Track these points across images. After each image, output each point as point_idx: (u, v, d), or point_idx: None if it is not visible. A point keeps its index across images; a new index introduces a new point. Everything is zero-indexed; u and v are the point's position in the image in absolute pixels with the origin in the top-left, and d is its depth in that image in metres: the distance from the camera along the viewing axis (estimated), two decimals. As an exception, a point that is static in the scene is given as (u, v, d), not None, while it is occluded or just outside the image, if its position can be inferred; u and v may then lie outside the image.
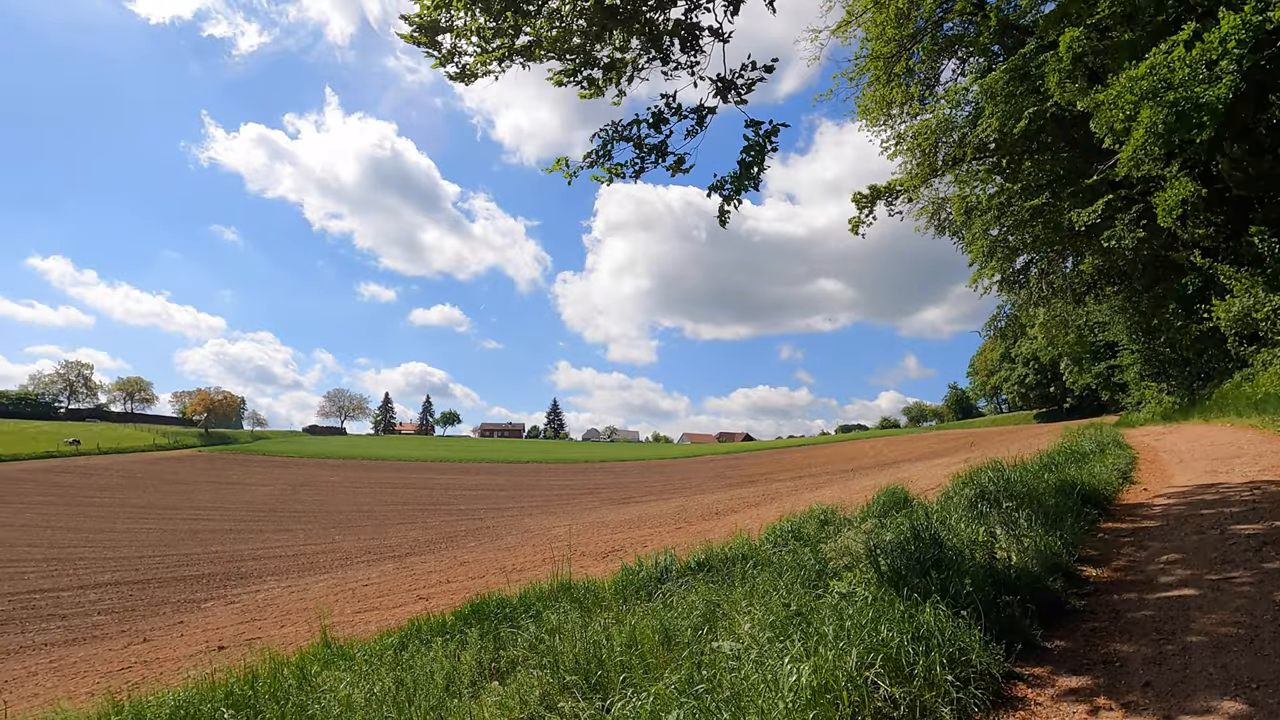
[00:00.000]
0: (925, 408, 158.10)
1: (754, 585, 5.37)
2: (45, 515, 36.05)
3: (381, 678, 4.36)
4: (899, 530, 6.04)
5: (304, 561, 23.59)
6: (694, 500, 31.88)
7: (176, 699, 4.28)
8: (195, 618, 16.22)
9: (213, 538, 30.10)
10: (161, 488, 49.98)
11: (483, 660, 4.56)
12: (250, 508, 40.68)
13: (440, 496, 46.68)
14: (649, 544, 15.88)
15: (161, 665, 10.43)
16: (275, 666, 5.00)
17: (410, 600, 13.00)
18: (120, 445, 76.96)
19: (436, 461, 75.54)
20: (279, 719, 4.06)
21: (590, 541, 18.95)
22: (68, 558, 25.75)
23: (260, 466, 66.65)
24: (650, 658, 4.19)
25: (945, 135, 20.99)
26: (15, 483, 50.10)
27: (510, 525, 30.02)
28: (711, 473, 60.81)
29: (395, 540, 27.43)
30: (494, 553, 20.06)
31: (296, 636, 10.79)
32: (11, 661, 13.76)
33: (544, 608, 5.53)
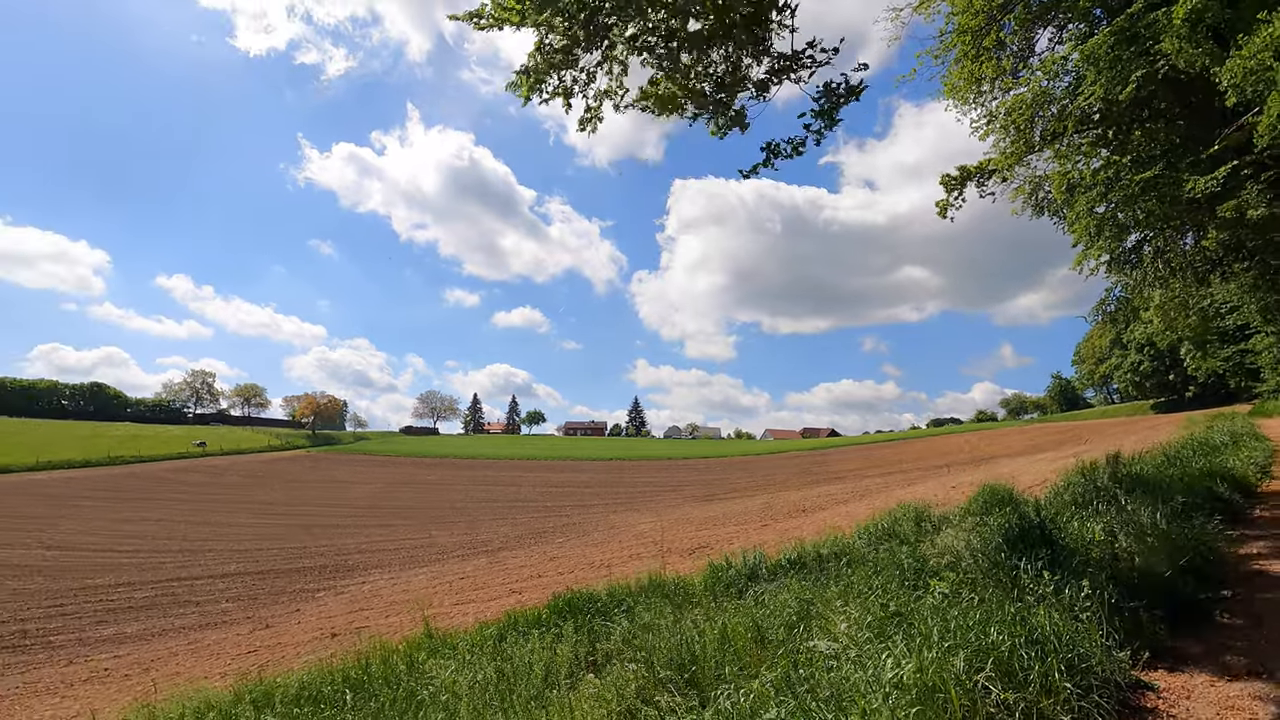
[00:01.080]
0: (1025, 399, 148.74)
1: (849, 584, 5.23)
2: (179, 511, 39.63)
3: (483, 667, 4.55)
4: (1004, 529, 5.73)
5: (404, 555, 24.86)
6: (779, 497, 31.38)
7: (300, 680, 4.64)
8: (310, 606, 17.42)
9: (322, 532, 32.20)
10: (277, 485, 53.91)
11: (578, 653, 4.67)
12: (354, 504, 43.23)
13: (528, 493, 48.05)
14: (735, 541, 15.76)
15: (283, 649, 11.26)
16: (386, 654, 5.31)
17: (504, 594, 13.46)
18: (240, 446, 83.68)
19: (523, 460, 77.81)
20: (391, 702, 4.30)
21: (676, 538, 19.01)
22: (199, 549, 28.19)
23: (362, 465, 70.75)
24: (744, 655, 4.16)
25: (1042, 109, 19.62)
26: (154, 481, 55.35)
27: (596, 522, 30.52)
28: (796, 469, 59.63)
29: (487, 536, 28.44)
30: (581, 548, 20.47)
31: (401, 626, 11.40)
32: (156, 643, 15.24)
33: (635, 603, 5.60)
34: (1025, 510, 6.98)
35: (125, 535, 31.74)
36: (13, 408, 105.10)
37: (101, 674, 12.59)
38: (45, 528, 34.01)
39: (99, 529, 33.56)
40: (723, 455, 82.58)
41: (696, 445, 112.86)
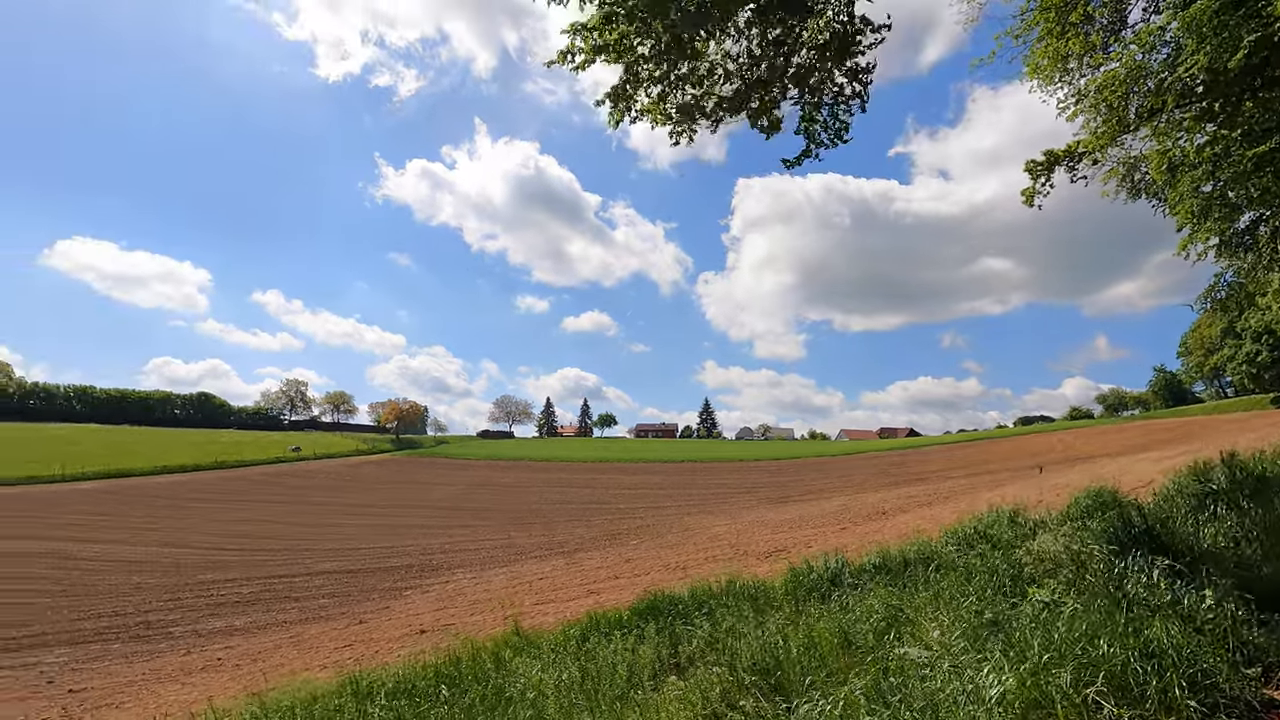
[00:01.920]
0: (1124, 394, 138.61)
1: (938, 590, 5.04)
2: (278, 512, 42.24)
3: (567, 666, 4.64)
4: (1109, 533, 5.38)
5: (484, 555, 25.63)
6: (857, 499, 30.53)
7: (397, 674, 4.87)
8: (399, 603, 18.22)
9: (408, 533, 33.60)
10: (365, 488, 56.64)
11: (661, 655, 4.70)
12: (437, 506, 44.89)
13: (602, 495, 48.60)
14: (813, 544, 15.45)
15: (376, 644, 11.81)
16: (474, 651, 5.50)
17: (582, 594, 13.67)
18: (330, 451, 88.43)
19: (596, 462, 78.79)
20: (481, 698, 4.45)
21: (752, 541, 18.80)
22: (297, 548, 29.94)
23: (443, 468, 73.41)
24: (831, 661, 4.08)
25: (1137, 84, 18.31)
26: (254, 484, 59.19)
27: (670, 524, 30.54)
28: (874, 470, 57.87)
29: (563, 537, 28.95)
30: (656, 550, 20.55)
31: (484, 624, 11.76)
32: (262, 635, 16.29)
33: (716, 606, 5.58)
34: (1131, 514, 6.53)
35: (232, 535, 34.09)
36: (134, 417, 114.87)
37: (215, 664, 13.57)
38: (163, 527, 36.96)
39: (209, 529, 36.19)
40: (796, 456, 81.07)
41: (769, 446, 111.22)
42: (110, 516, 40.33)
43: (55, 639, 17.74)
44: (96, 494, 50.44)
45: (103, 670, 14.66)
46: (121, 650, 16.31)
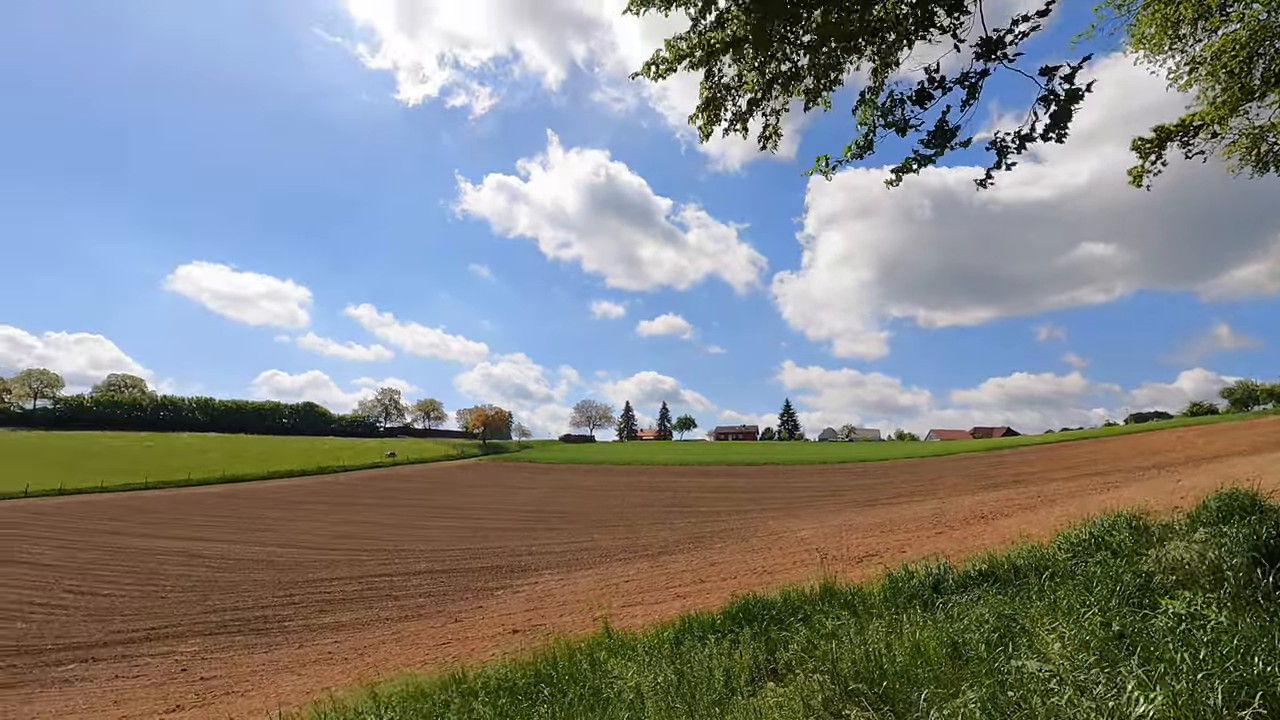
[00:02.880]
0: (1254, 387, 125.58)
1: (1054, 600, 4.72)
2: (376, 514, 44.55)
3: (662, 669, 4.64)
4: (1252, 540, 4.88)
5: (570, 558, 26.09)
6: (951, 502, 29.13)
7: (497, 672, 5.02)
8: (491, 603, 18.81)
9: (496, 534, 34.67)
10: (455, 491, 58.91)
11: (758, 660, 4.63)
12: (523, 508, 46.10)
13: (683, 498, 48.52)
14: (907, 549, 14.85)
15: (472, 642, 12.23)
16: (570, 652, 5.60)
17: (669, 598, 13.67)
18: (422, 456, 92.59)
19: (676, 465, 78.75)
20: (579, 698, 4.52)
21: (840, 545, 18.27)
22: (394, 549, 31.46)
23: (527, 472, 75.37)
24: (939, 671, 3.89)
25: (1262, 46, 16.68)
26: (354, 488, 62.70)
27: (754, 527, 30.12)
28: (968, 472, 55.05)
29: (647, 540, 29.08)
30: (742, 554, 20.30)
31: (574, 625, 11.96)
32: (366, 631, 17.21)
33: (812, 611, 5.45)
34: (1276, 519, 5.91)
35: (336, 535, 36.23)
36: (248, 426, 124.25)
37: (326, 657, 14.44)
38: (275, 528, 39.74)
39: (315, 529, 38.62)
40: (883, 458, 78.26)
41: (854, 448, 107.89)
42: (230, 518, 43.73)
43: (188, 630, 19.37)
44: (218, 497, 54.85)
45: (228, 660, 15.89)
46: (244, 642, 17.62)
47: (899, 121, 5.72)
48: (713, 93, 6.24)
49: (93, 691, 14.55)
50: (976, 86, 5.60)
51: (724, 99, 6.26)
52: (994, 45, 5.33)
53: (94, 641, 19.02)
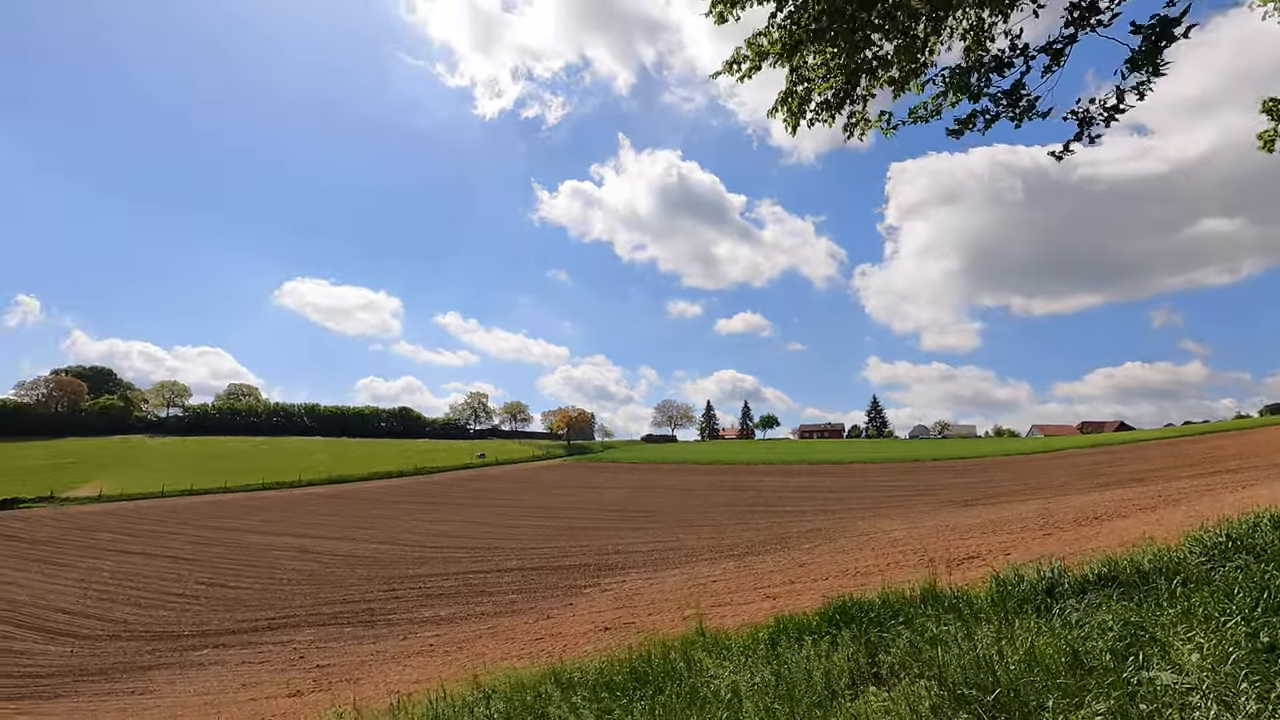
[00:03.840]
0: None
1: (1188, 607, 4.35)
2: (468, 513, 46.34)
3: (759, 670, 4.59)
4: None
5: (656, 557, 26.23)
6: (1059, 502, 27.31)
7: (595, 668, 5.12)
8: (580, 601, 19.19)
9: (583, 533, 35.31)
10: (542, 491, 60.44)
11: (859, 663, 4.50)
12: (607, 508, 46.74)
13: (767, 498, 47.81)
14: (1012, 551, 14.04)
15: (565, 639, 12.51)
16: (665, 649, 5.63)
17: (758, 598, 13.51)
18: (510, 457, 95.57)
19: (760, 464, 77.68)
20: (676, 696, 4.54)
21: (937, 546, 17.49)
22: (486, 547, 32.62)
23: (611, 472, 76.36)
24: (1059, 681, 3.66)
25: None
26: (447, 488, 65.46)
27: (842, 527, 29.31)
28: (1076, 470, 51.41)
29: (732, 540, 28.85)
30: (831, 555, 19.80)
31: (664, 624, 12.02)
32: (463, 626, 17.93)
33: (916, 614, 5.24)
34: None
35: (432, 534, 37.95)
36: (350, 430, 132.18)
37: (428, 649, 15.15)
38: (376, 526, 42.07)
39: (413, 528, 40.59)
40: (980, 455, 74.29)
41: (948, 445, 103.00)
42: (336, 516, 46.64)
43: (303, 621, 20.81)
44: (324, 497, 58.58)
45: (340, 650, 16.95)
46: (353, 633, 18.75)
47: (971, 88, 5.40)
48: (796, 85, 6.11)
49: (224, 675, 15.88)
50: (1062, 54, 5.23)
51: (808, 91, 6.12)
52: (1087, 9, 4.95)
53: (223, 629, 20.75)
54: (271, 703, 11.66)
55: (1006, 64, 5.34)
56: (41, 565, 32.20)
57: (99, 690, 15.89)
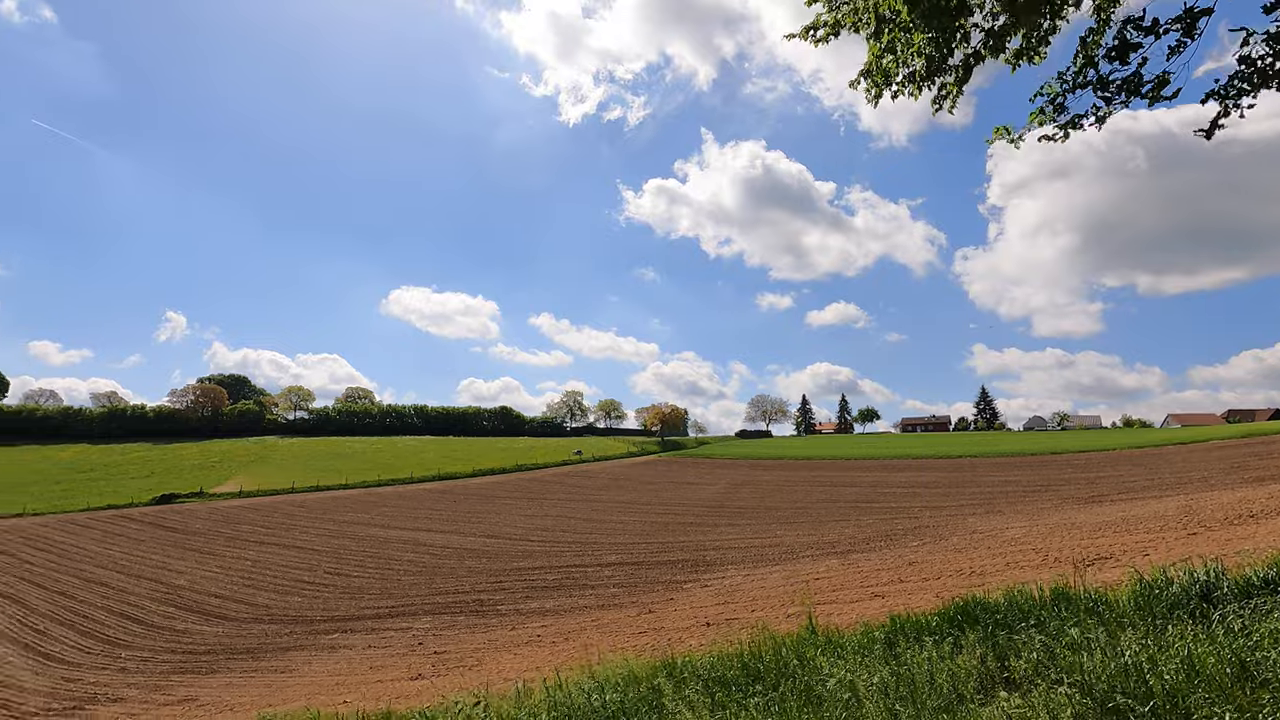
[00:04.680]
0: None
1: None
2: (568, 509, 47.54)
3: (877, 670, 4.43)
4: None
5: (754, 553, 25.94)
6: (1203, 499, 24.73)
7: (706, 661, 5.12)
8: (680, 596, 19.27)
9: (679, 529, 35.42)
10: (638, 487, 61.11)
11: (989, 666, 4.25)
12: (702, 504, 46.65)
13: (868, 494, 46.15)
14: (1151, 552, 12.85)
15: (668, 633, 12.60)
16: (776, 646, 5.55)
17: (865, 597, 13.07)
18: (606, 453, 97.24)
19: (860, 459, 75.08)
20: (792, 692, 4.47)
21: (1061, 546, 16.27)
22: (586, 541, 33.35)
23: (705, 468, 76.13)
24: (1225, 693, 3.31)
25: None
26: (547, 484, 67.42)
27: (952, 525, 27.86)
28: (1224, 463, 46.34)
29: (833, 537, 28.07)
30: (942, 554, 18.85)
31: (767, 620, 11.84)
32: (568, 618, 18.44)
33: (1049, 617, 4.90)
34: None
35: (534, 528, 39.24)
36: (456, 429, 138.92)
37: (536, 639, 15.70)
38: (482, 520, 43.97)
39: (516, 522, 42.13)
40: (1106, 448, 68.41)
41: (1068, 437, 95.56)
42: (445, 511, 49.12)
43: (419, 609, 22.07)
44: (435, 493, 61.80)
45: (454, 638, 17.85)
46: (465, 622, 19.70)
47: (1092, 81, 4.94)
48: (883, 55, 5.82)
49: (352, 658, 17.10)
50: (1193, 27, 4.68)
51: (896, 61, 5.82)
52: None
53: (349, 615, 22.35)
54: (396, 685, 12.44)
55: (1131, 47, 4.86)
56: (195, 554, 35.85)
57: (247, 667, 17.53)
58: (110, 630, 23.05)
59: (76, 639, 22.30)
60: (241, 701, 13.33)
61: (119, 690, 16.82)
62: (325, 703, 10.27)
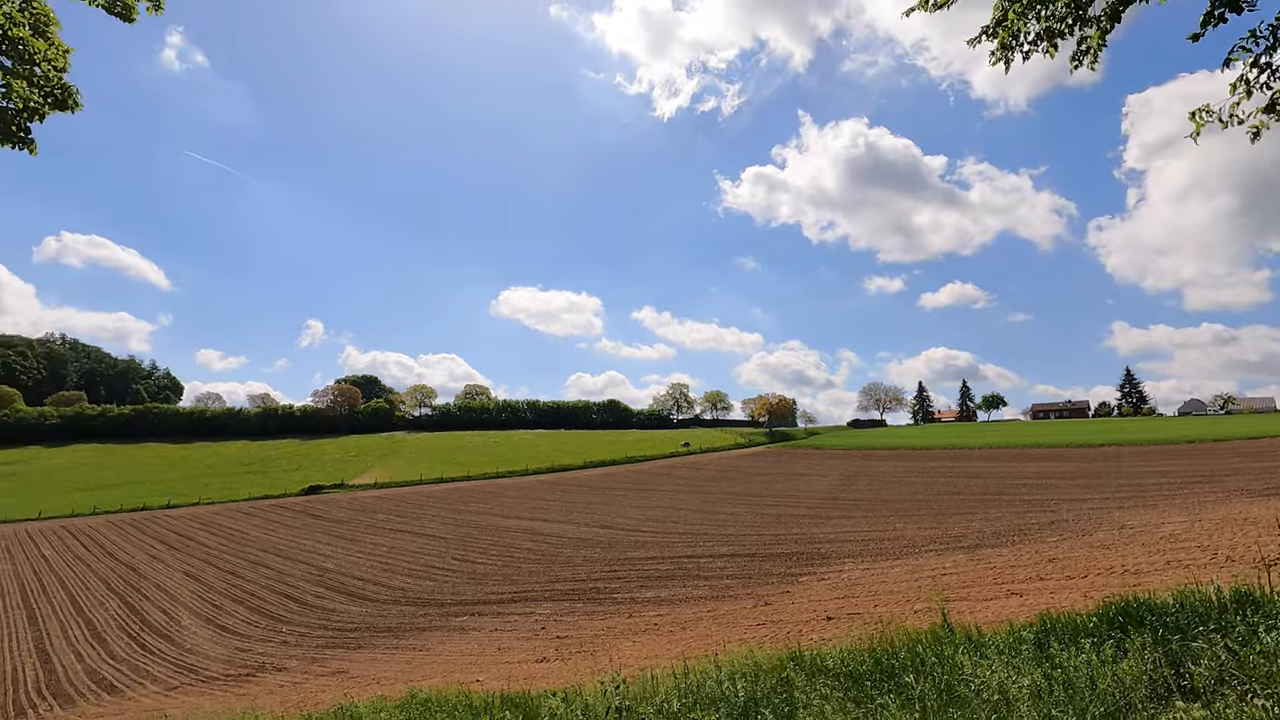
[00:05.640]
0: None
1: None
2: (677, 500, 47.84)
3: (1029, 672, 4.13)
4: None
5: (873, 547, 24.97)
6: None
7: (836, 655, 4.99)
8: (796, 589, 18.90)
9: (791, 521, 34.73)
10: (746, 479, 60.50)
11: (1161, 673, 3.85)
12: (815, 496, 45.47)
13: (995, 486, 43.17)
14: (1351, 552, 11.17)
15: (787, 625, 12.40)
16: (911, 642, 5.31)
17: (1001, 594, 12.25)
18: (712, 445, 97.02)
19: (984, 448, 70.31)
20: (932, 690, 4.25)
21: (1234, 543, 14.48)
22: (697, 533, 33.42)
23: (816, 459, 74.12)
24: None
25: None
26: (655, 475, 68.17)
27: (1096, 519, 25.57)
28: None
29: (958, 530, 26.52)
30: (1086, 550, 17.31)
31: (891, 615, 11.38)
32: (683, 608, 18.56)
33: (1231, 622, 4.36)
34: None
35: (645, 519, 39.81)
36: (565, 422, 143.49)
37: (653, 628, 15.93)
38: (594, 510, 45.13)
39: (628, 513, 42.91)
40: None
41: (1234, 422, 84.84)
42: (558, 502, 50.84)
43: (540, 595, 22.99)
44: (548, 484, 64.11)
45: (574, 624, 18.45)
46: (583, 609, 20.31)
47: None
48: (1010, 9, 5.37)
49: (482, 640, 18.09)
50: None
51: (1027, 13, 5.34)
52: None
53: (476, 599, 23.64)
54: (524, 666, 13.04)
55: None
56: (340, 540, 39.22)
57: (389, 645, 18.98)
58: (272, 607, 25.69)
59: (245, 614, 25.03)
60: (387, 676, 14.46)
61: (282, 661, 18.73)
62: (461, 680, 10.94)
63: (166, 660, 20.56)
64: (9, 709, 17.76)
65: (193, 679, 18.28)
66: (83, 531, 50.26)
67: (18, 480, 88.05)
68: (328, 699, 11.42)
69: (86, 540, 46.37)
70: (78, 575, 35.41)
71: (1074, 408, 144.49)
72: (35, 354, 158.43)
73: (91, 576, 34.84)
